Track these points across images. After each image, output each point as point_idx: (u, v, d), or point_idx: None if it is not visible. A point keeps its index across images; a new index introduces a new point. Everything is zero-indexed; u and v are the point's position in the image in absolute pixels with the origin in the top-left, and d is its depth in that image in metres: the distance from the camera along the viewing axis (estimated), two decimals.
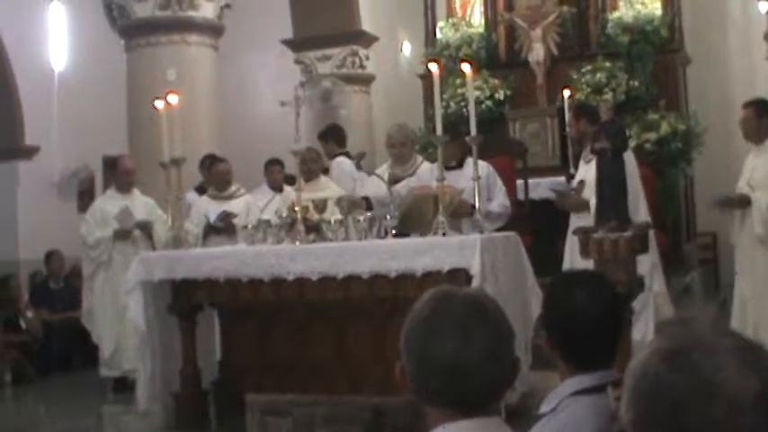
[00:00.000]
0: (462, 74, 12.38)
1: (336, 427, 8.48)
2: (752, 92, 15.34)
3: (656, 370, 1.73)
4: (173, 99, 8.56)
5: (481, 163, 9.19)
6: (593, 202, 8.01)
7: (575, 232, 5.81)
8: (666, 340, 1.79)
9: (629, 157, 7.81)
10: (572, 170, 9.74)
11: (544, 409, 3.24)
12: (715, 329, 1.80)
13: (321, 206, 8.21)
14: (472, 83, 8.06)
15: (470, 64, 8.11)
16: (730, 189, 10.82)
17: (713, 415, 1.66)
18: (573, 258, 8.60)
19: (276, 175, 12.12)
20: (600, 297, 3.32)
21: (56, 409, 10.56)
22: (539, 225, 10.46)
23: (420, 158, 9.40)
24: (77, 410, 10.13)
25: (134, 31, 13.65)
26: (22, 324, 12.59)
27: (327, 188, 9.98)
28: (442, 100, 9.93)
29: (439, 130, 7.57)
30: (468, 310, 2.33)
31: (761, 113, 8.30)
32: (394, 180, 8.78)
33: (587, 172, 8.55)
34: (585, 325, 3.25)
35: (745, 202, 8.33)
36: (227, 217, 10.42)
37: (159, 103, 8.68)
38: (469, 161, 9.10)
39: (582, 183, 8.74)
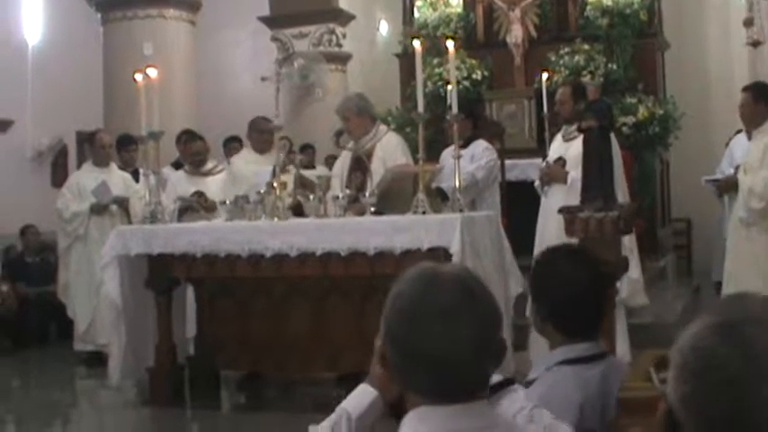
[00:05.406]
0: (442, 52, 12.41)
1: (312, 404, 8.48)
2: (729, 77, 15.44)
3: (709, 344, 1.69)
4: (152, 72, 8.47)
5: (483, 143, 9.26)
6: (572, 175, 8.01)
7: (560, 211, 5.78)
8: (717, 315, 1.74)
9: (613, 139, 7.79)
10: (548, 151, 9.72)
11: (531, 375, 3.26)
12: (766, 305, 1.75)
13: (326, 184, 8.17)
14: (454, 60, 8.03)
15: (454, 40, 8.10)
16: (707, 174, 10.88)
17: None
18: (542, 240, 8.58)
19: (234, 152, 12.09)
20: (584, 267, 3.42)
21: (31, 383, 10.52)
22: (514, 206, 10.45)
23: (383, 129, 9.11)
24: (52, 384, 10.10)
25: (111, 5, 13.55)
26: None
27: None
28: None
29: (420, 108, 7.53)
30: (456, 297, 2.21)
31: (757, 98, 8.26)
32: (356, 157, 8.75)
33: (567, 150, 8.52)
34: (572, 293, 3.31)
35: (731, 185, 8.35)
36: (199, 197, 10.36)
37: (138, 77, 8.59)
38: (476, 142, 9.14)
39: (560, 159, 8.72)
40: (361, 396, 2.62)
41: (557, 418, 2.77)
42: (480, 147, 9.18)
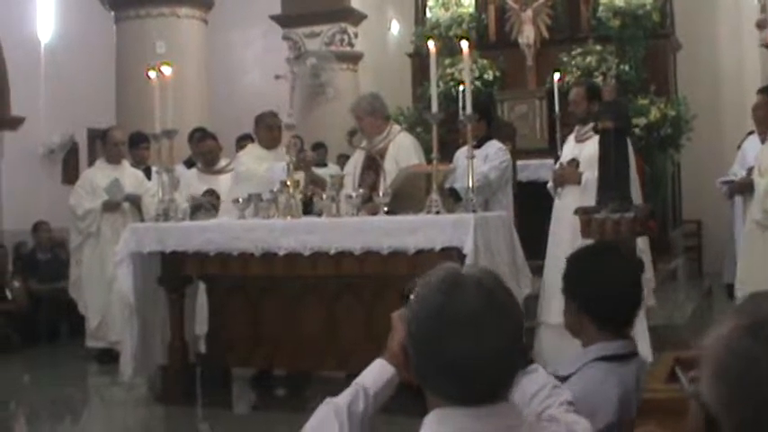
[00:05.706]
0: (454, 52, 12.41)
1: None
2: (741, 79, 15.40)
3: (743, 344, 1.68)
4: (166, 70, 8.47)
5: (497, 144, 9.30)
6: (585, 176, 8.00)
7: (576, 212, 5.78)
8: (745, 316, 1.73)
9: (627, 141, 7.78)
10: (559, 152, 9.70)
11: (564, 371, 3.27)
12: None
13: (339, 183, 8.15)
14: (469, 61, 8.03)
15: (467, 40, 8.10)
16: (718, 176, 10.87)
17: None
18: (556, 242, 8.53)
19: None
20: (622, 263, 3.50)
21: (42, 379, 10.52)
22: (525, 207, 10.42)
23: (396, 129, 9.13)
24: (63, 380, 10.11)
25: (124, 3, 13.58)
26: (8, 294, 12.52)
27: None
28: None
29: (434, 108, 7.52)
30: (479, 303, 2.17)
31: None
32: (368, 156, 8.76)
33: (581, 151, 8.50)
34: (611, 288, 3.36)
35: (746, 187, 8.32)
36: (211, 196, 10.36)
37: (152, 74, 8.59)
38: (490, 142, 9.17)
39: (574, 161, 8.70)
40: (379, 372, 2.62)
41: (596, 413, 2.77)
42: (494, 147, 9.20)
